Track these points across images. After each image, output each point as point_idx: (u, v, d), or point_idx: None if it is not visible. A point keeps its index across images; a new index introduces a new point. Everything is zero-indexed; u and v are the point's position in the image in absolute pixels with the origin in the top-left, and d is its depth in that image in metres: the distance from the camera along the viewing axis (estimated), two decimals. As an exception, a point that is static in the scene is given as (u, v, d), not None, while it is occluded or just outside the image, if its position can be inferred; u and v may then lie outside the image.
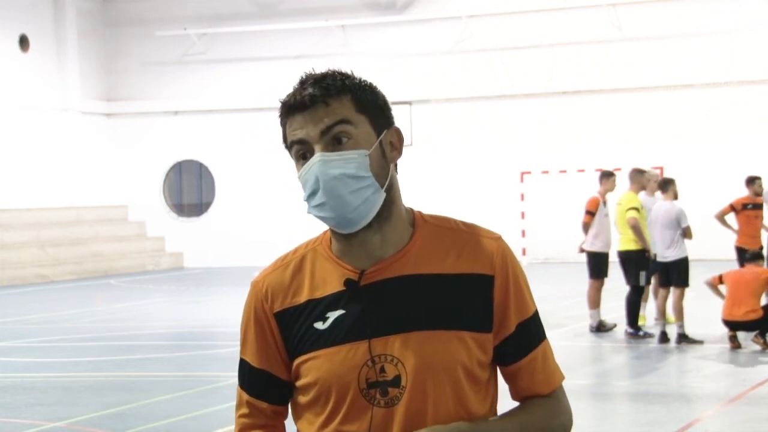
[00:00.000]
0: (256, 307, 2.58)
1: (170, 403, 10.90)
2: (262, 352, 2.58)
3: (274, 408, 2.61)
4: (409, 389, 2.44)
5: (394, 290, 2.47)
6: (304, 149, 2.48)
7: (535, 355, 2.57)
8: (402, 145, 2.56)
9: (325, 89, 2.46)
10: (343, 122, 2.45)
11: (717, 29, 27.83)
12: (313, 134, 2.45)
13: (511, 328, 2.53)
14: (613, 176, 15.24)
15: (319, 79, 2.49)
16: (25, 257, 28.23)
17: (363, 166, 2.44)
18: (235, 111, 31.57)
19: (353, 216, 2.44)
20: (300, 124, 2.48)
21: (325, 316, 2.49)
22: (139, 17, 32.43)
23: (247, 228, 31.17)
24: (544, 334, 2.62)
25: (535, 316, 2.59)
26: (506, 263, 2.54)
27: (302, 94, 2.47)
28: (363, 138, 2.47)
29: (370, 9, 30.72)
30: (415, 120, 28.98)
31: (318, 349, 2.49)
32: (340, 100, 2.47)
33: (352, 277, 2.49)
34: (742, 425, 9.48)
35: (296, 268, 2.56)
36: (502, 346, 2.54)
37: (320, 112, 2.45)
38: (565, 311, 17.25)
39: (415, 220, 2.56)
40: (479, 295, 2.50)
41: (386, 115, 2.54)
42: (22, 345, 15.79)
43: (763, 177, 16.29)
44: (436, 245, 2.53)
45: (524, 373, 2.57)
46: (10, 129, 29.10)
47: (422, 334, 2.45)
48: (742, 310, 13.09)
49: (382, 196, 2.46)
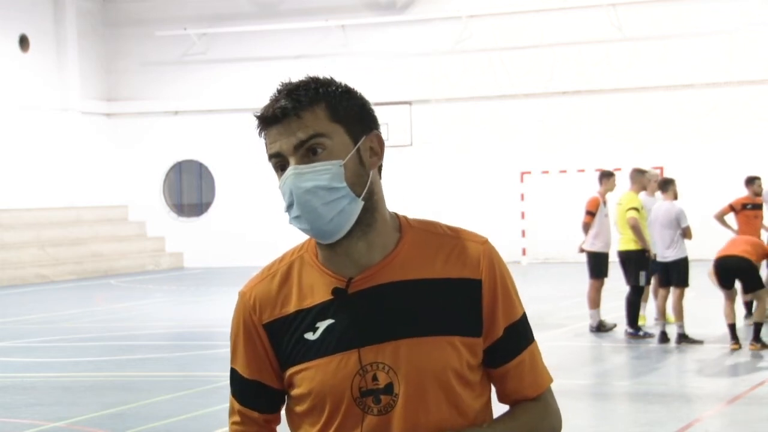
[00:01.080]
0: (244, 318, 2.57)
1: (170, 403, 10.90)
2: (252, 362, 2.57)
3: (265, 417, 2.61)
4: (402, 396, 2.44)
5: (383, 297, 2.46)
6: (281, 161, 2.47)
7: (522, 357, 2.56)
8: (383, 150, 2.52)
9: (296, 101, 2.44)
10: (316, 136, 2.43)
11: (717, 29, 27.83)
12: (287, 147, 2.44)
13: (499, 332, 2.52)
14: (612, 176, 15.25)
15: (292, 89, 2.47)
16: (25, 257, 28.23)
17: (337, 177, 2.42)
18: (235, 111, 31.55)
19: (329, 228, 2.42)
20: (275, 137, 2.46)
21: (315, 326, 2.48)
22: (139, 17, 32.43)
23: (247, 228, 31.17)
24: (532, 336, 2.60)
25: (523, 318, 2.58)
26: (493, 267, 2.52)
27: (274, 107, 2.46)
28: (338, 148, 2.44)
29: (370, 9, 30.72)
30: (415, 120, 28.99)
31: (309, 360, 2.48)
32: (313, 111, 2.44)
33: (339, 286, 2.47)
34: (742, 425, 9.48)
35: (283, 278, 2.55)
36: (491, 349, 2.53)
37: (293, 126, 2.44)
38: (565, 311, 17.25)
39: (401, 225, 2.54)
40: (468, 300, 2.49)
41: (365, 121, 2.50)
42: (22, 345, 15.79)
43: (762, 177, 16.28)
44: (423, 250, 2.51)
45: (512, 375, 2.56)
46: (10, 129, 29.10)
47: (413, 341, 2.44)
48: (741, 245, 13.20)
49: (360, 204, 2.44)
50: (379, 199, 2.50)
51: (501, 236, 21.45)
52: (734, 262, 13.21)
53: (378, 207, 2.50)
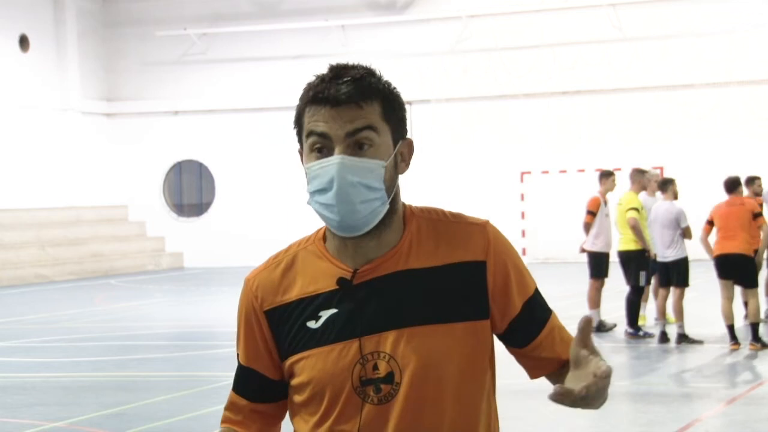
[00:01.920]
0: (246, 304, 2.59)
1: (170, 403, 10.90)
2: (250, 349, 2.59)
3: (252, 406, 2.62)
4: (404, 385, 2.44)
5: (387, 287, 2.47)
6: (322, 143, 2.43)
7: (550, 327, 2.58)
8: (411, 157, 2.54)
9: (361, 90, 2.41)
10: (370, 128, 2.41)
11: (717, 29, 27.83)
12: (339, 133, 2.40)
13: (517, 309, 2.53)
14: (612, 176, 15.25)
15: (357, 78, 2.43)
16: (25, 257, 28.23)
17: (379, 177, 2.42)
18: (235, 111, 31.57)
19: (357, 224, 2.43)
20: (325, 117, 2.41)
21: (318, 315, 2.49)
22: (139, 17, 32.43)
23: (247, 228, 31.17)
24: (549, 308, 2.62)
25: (537, 293, 2.60)
26: (498, 246, 2.54)
27: (338, 89, 2.41)
28: (383, 148, 2.44)
29: (370, 9, 30.72)
30: (415, 120, 28.98)
31: (311, 349, 2.48)
32: (372, 104, 2.43)
33: (345, 276, 2.48)
34: (742, 425, 9.48)
35: (287, 266, 2.56)
36: (512, 327, 2.54)
37: (352, 113, 2.40)
38: (565, 311, 17.12)
39: (405, 215, 2.55)
40: (472, 283, 2.49)
41: (404, 126, 2.52)
42: (22, 345, 15.79)
43: (762, 177, 16.27)
44: (426, 238, 2.52)
45: (545, 346, 2.57)
46: (9, 129, 29.09)
47: (415, 329, 2.45)
48: (735, 242, 13.21)
49: (386, 207, 2.46)
50: (398, 202, 2.52)
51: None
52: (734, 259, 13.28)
53: (397, 210, 2.52)
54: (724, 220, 13.40)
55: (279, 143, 28.90)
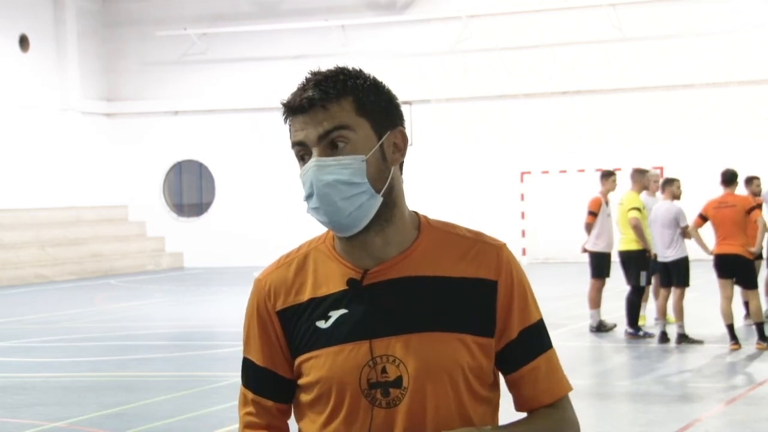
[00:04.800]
0: (258, 305, 2.58)
1: (170, 403, 10.90)
2: (266, 350, 2.57)
3: (278, 406, 2.60)
4: (411, 390, 2.43)
5: (397, 291, 2.47)
6: (303, 151, 2.46)
7: (538, 363, 2.54)
8: (406, 146, 2.53)
9: (324, 92, 2.44)
10: (341, 128, 2.43)
11: (717, 29, 27.84)
12: (311, 138, 2.44)
13: (513, 334, 2.52)
14: (613, 176, 15.24)
15: (321, 80, 2.46)
16: (25, 257, 28.23)
17: (358, 172, 2.42)
18: (235, 111, 31.58)
19: (347, 221, 2.43)
20: (300, 125, 2.46)
21: (328, 315, 2.49)
22: (139, 17, 32.44)
23: (247, 228, 31.18)
24: (549, 343, 2.58)
25: (540, 324, 2.57)
26: (511, 270, 2.53)
27: (302, 97, 2.45)
28: (362, 142, 2.44)
29: (370, 9, 30.73)
30: (415, 120, 28.97)
31: (320, 348, 2.48)
32: (340, 103, 2.44)
33: (354, 277, 2.48)
34: (742, 425, 9.47)
35: (299, 267, 2.56)
36: (504, 351, 2.52)
37: (319, 116, 2.43)
38: (565, 311, 17.25)
39: (420, 224, 2.55)
40: (482, 300, 2.49)
41: (391, 116, 2.51)
42: (22, 345, 15.79)
43: (762, 177, 16.27)
44: (440, 249, 2.52)
45: (527, 381, 2.54)
46: (9, 129, 29.10)
47: (424, 335, 2.45)
48: (733, 244, 13.23)
49: (379, 200, 2.45)
50: (398, 195, 2.51)
51: (501, 236, 21.34)
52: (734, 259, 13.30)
53: (397, 203, 2.50)
54: (720, 224, 13.41)
55: (279, 143, 28.88)
